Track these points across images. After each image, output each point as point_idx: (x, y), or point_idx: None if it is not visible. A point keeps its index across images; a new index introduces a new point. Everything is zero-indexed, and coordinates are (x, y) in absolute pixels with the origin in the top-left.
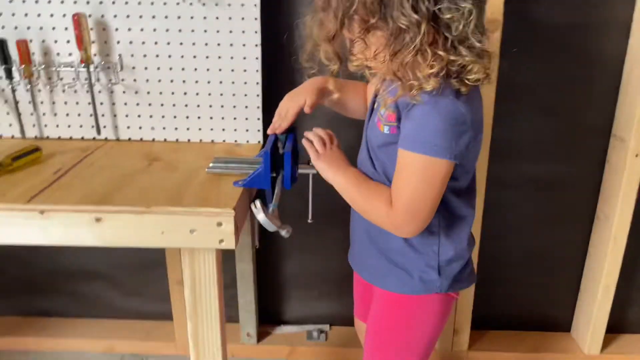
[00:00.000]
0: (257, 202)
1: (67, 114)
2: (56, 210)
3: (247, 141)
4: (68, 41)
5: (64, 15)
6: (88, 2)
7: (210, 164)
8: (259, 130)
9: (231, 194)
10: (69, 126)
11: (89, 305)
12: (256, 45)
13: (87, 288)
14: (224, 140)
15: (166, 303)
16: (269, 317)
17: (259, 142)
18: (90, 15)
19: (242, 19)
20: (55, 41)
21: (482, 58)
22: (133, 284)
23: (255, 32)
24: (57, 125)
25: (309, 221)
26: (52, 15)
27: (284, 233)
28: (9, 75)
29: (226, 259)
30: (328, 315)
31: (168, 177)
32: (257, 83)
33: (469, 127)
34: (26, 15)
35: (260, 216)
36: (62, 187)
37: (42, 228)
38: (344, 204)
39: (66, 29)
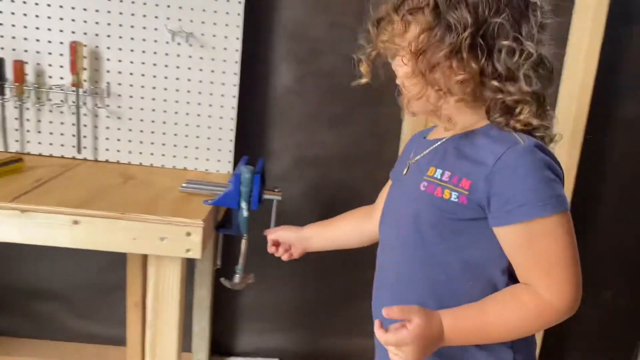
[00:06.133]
0: (223, 280)
1: (51, 133)
2: (37, 211)
3: (218, 170)
4: (61, 66)
5: (61, 43)
6: (85, 33)
7: (184, 184)
8: (229, 162)
9: (201, 210)
10: (50, 144)
11: (43, 325)
12: (234, 85)
13: (42, 308)
14: (195, 169)
15: (121, 327)
16: (221, 347)
17: (228, 172)
18: (85, 45)
19: (224, 60)
20: (50, 65)
21: (535, 104)
22: (89, 306)
23: (235, 73)
24: (40, 142)
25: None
26: (50, 42)
27: (250, 282)
28: (1, 91)
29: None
30: (279, 348)
31: (143, 192)
32: (232, 118)
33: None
34: (25, 39)
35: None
36: (43, 192)
37: (22, 227)
38: None
39: (61, 54)
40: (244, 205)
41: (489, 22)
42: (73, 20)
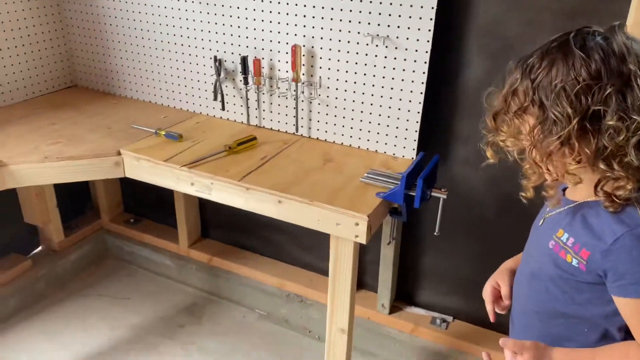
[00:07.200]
0: None
1: (279, 113)
2: (255, 190)
3: (403, 156)
4: (287, 62)
5: (287, 43)
6: (304, 36)
7: (365, 174)
8: (413, 149)
9: (371, 203)
10: (278, 122)
11: (275, 249)
12: (422, 82)
13: (276, 237)
14: (384, 152)
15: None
16: (404, 296)
17: (412, 158)
18: (304, 46)
19: (415, 61)
20: (279, 61)
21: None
22: (308, 241)
23: (424, 72)
24: (271, 120)
25: (435, 233)
26: (279, 42)
27: None
28: (245, 81)
29: (377, 238)
30: (453, 309)
31: (333, 178)
32: (418, 112)
33: None
34: (262, 40)
35: None
36: (263, 172)
37: (246, 199)
38: (477, 220)
39: (287, 53)
40: None
41: (591, 108)
42: (296, 25)
